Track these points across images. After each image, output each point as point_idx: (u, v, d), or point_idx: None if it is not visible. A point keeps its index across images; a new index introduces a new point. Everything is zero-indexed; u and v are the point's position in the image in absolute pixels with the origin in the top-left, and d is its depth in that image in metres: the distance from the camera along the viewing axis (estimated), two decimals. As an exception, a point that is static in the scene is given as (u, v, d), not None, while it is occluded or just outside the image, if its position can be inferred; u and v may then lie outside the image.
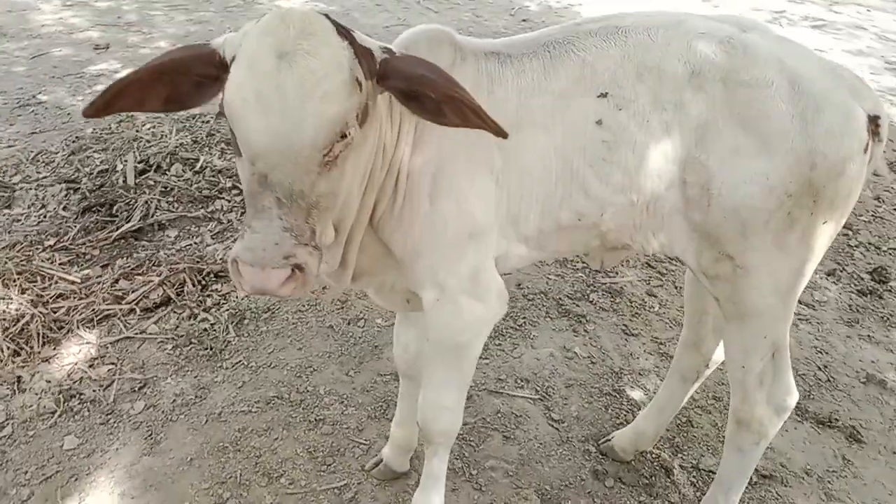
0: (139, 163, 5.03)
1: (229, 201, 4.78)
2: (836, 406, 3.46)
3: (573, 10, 10.07)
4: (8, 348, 3.47)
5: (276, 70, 1.53)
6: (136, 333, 3.63)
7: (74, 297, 3.84)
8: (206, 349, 3.53)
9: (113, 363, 3.47)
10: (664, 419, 3.02)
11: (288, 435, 3.10)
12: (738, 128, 2.02)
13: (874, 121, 2.08)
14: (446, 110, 1.68)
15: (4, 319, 3.59)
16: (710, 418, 3.36)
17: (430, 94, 1.66)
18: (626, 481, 3.02)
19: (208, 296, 3.89)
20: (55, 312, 3.72)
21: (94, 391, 3.30)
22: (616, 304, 4.03)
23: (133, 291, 3.87)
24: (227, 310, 3.78)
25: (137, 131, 5.60)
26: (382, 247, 2.12)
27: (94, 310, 3.76)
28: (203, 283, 3.97)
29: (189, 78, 1.70)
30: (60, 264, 4.08)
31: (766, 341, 2.31)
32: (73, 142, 5.51)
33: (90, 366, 3.45)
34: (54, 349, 3.53)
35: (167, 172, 4.98)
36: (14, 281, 3.83)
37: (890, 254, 4.73)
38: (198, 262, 4.11)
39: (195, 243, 4.36)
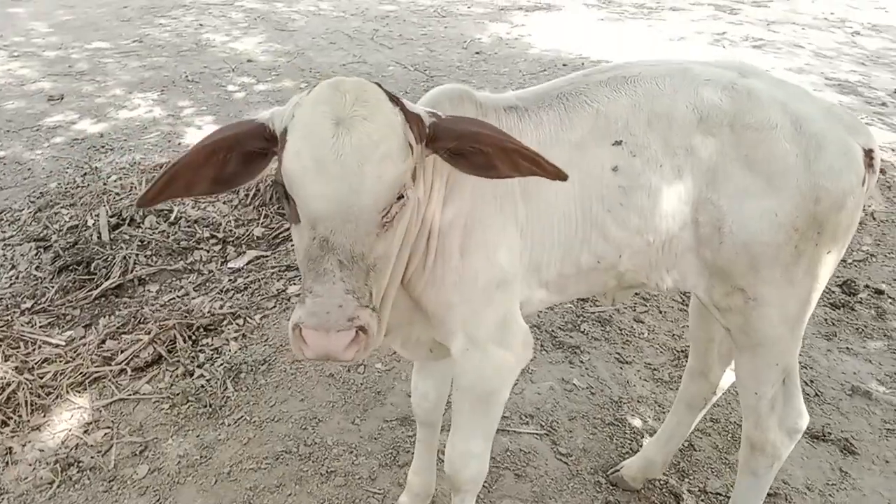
0: (111, 217, 4.93)
1: (208, 251, 4.73)
2: (827, 420, 3.57)
3: (524, 40, 10.25)
4: (-5, 419, 3.36)
5: (333, 136, 1.58)
6: (130, 395, 3.55)
7: (61, 361, 3.74)
8: (205, 406, 3.46)
9: (109, 427, 3.38)
10: (672, 447, 3.08)
11: (301, 490, 3.05)
12: (747, 169, 2.12)
13: (868, 154, 2.21)
14: (498, 163, 1.74)
15: (-11, 389, 3.48)
16: (710, 440, 3.43)
17: (483, 150, 1.71)
18: (639, 511, 3.07)
19: (200, 351, 3.82)
20: (42, 378, 3.62)
21: (92, 458, 3.21)
22: (607, 332, 4.10)
23: (122, 351, 3.79)
24: (223, 364, 3.72)
25: (105, 184, 5.50)
26: (411, 301, 2.15)
27: (82, 373, 3.66)
28: (194, 338, 3.90)
29: (237, 155, 1.72)
30: (41, 327, 3.98)
31: (777, 368, 2.39)
32: (38, 198, 5.38)
33: (85, 431, 3.35)
34: (44, 416, 3.43)
35: (141, 226, 4.90)
36: (-4, 348, 3.71)
37: (856, 266, 4.92)
38: (185, 316, 4.04)
39: (179, 297, 4.28)
